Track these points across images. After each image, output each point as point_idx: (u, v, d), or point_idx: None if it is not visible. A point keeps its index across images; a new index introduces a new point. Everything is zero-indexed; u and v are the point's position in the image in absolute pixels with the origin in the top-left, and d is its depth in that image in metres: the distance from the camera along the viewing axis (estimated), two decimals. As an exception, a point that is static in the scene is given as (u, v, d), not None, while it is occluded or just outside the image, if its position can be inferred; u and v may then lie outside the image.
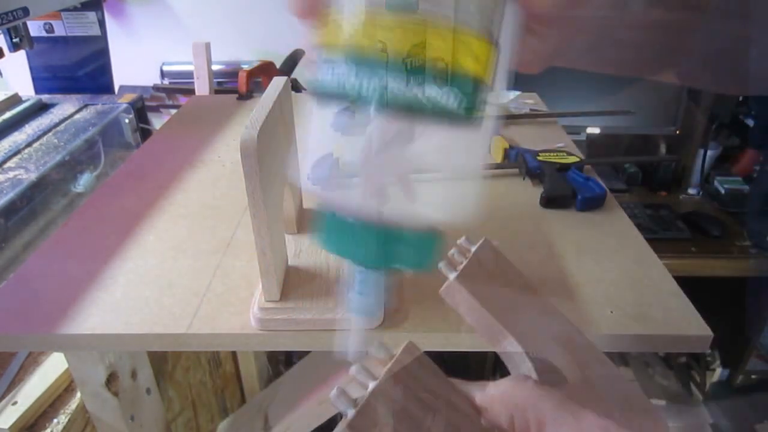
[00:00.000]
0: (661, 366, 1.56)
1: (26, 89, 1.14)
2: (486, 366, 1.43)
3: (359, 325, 0.29)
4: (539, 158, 0.70)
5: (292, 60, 1.30)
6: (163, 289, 0.50)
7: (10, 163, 0.82)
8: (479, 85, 0.24)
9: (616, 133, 1.56)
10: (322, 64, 0.25)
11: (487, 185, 0.69)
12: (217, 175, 0.72)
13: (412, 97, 0.23)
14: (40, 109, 1.03)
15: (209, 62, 1.02)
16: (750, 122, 1.43)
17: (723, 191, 1.42)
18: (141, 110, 1.09)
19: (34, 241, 0.76)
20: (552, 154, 0.71)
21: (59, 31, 1.14)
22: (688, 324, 0.45)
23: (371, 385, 0.22)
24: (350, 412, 0.21)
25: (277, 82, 0.50)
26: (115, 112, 1.02)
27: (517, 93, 0.90)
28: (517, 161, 0.71)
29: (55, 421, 0.61)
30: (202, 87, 1.04)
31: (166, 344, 0.46)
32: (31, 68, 1.17)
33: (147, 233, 0.58)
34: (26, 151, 0.86)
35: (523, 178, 0.70)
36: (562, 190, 0.64)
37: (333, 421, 0.72)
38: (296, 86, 1.34)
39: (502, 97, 0.90)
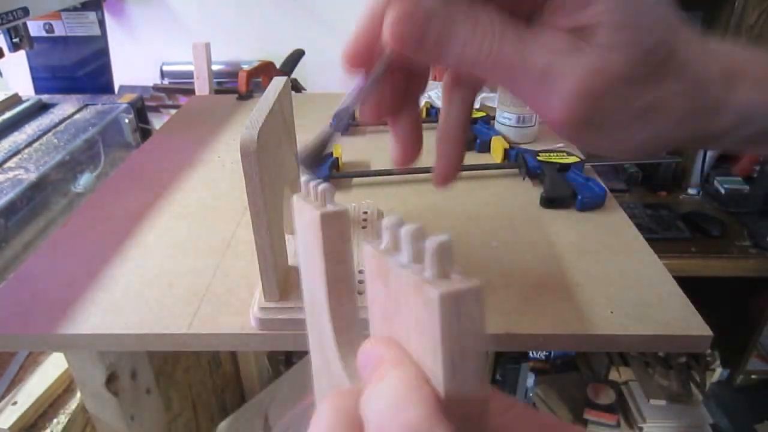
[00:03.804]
0: (661, 366, 1.56)
1: (26, 89, 1.14)
2: (486, 364, 1.43)
3: None
4: (539, 158, 0.70)
5: (292, 60, 1.30)
6: (163, 289, 0.50)
7: (10, 163, 0.82)
8: None
9: (616, 133, 1.56)
10: None
11: (488, 185, 0.69)
12: (217, 175, 0.72)
13: None
14: (40, 109, 1.03)
15: (209, 62, 1.02)
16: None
17: (723, 191, 1.42)
18: (141, 110, 1.09)
19: (34, 241, 0.76)
20: (552, 154, 0.71)
21: (59, 31, 1.14)
22: (688, 324, 0.45)
23: None
24: None
25: (277, 82, 0.50)
26: (115, 112, 1.02)
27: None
28: (517, 161, 0.71)
29: (55, 421, 0.61)
30: (202, 87, 1.04)
31: (166, 344, 0.46)
32: (31, 68, 1.16)
33: (147, 233, 0.59)
34: (26, 151, 0.86)
35: (523, 178, 0.70)
36: (562, 190, 0.64)
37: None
38: (296, 86, 1.34)
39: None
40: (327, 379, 0.25)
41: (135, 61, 1.46)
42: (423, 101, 0.89)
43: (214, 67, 1.12)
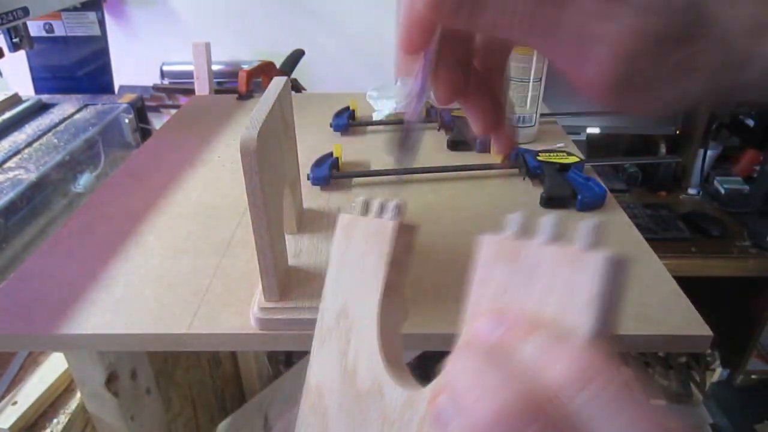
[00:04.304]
0: (661, 366, 1.56)
1: (26, 89, 1.14)
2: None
3: None
4: (539, 158, 0.70)
5: (292, 60, 1.30)
6: (163, 289, 0.50)
7: (10, 163, 0.82)
8: None
9: (616, 133, 1.56)
10: None
11: (488, 185, 0.69)
12: (217, 175, 0.72)
13: None
14: (40, 109, 1.03)
15: (209, 62, 1.02)
16: (750, 122, 1.43)
17: (723, 191, 1.42)
18: (141, 110, 1.09)
19: (34, 241, 0.76)
20: (552, 154, 0.71)
21: (59, 31, 1.14)
22: (688, 324, 0.45)
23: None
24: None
25: (277, 82, 0.50)
26: (115, 112, 1.02)
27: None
28: (517, 161, 0.71)
29: (55, 421, 0.61)
30: (202, 87, 1.04)
31: (166, 344, 0.46)
32: (31, 68, 1.16)
33: (147, 233, 0.59)
34: (26, 151, 0.86)
35: (523, 178, 0.70)
36: (562, 190, 0.64)
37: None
38: (296, 86, 1.34)
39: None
40: (347, 389, 0.26)
41: (135, 61, 1.46)
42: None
43: (214, 67, 1.12)
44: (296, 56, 1.31)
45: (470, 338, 0.21)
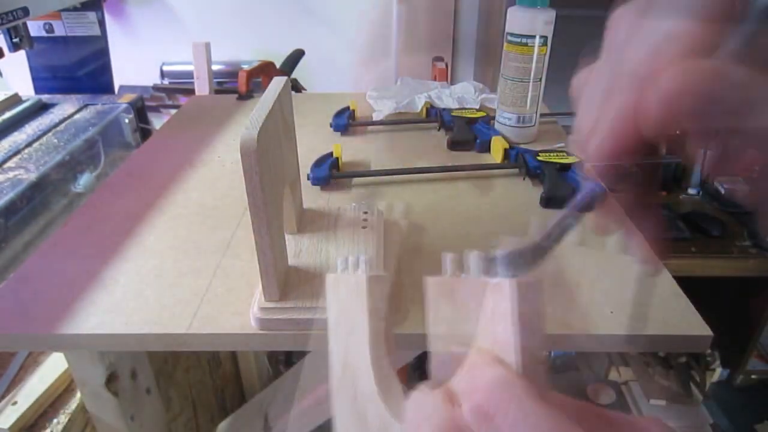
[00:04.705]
0: (661, 366, 1.56)
1: (26, 89, 1.14)
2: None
3: None
4: (539, 158, 0.70)
5: (292, 60, 1.30)
6: (163, 289, 0.50)
7: (10, 163, 0.82)
8: None
9: (616, 133, 1.56)
10: None
11: (488, 185, 0.69)
12: (217, 175, 0.72)
13: None
14: (40, 109, 1.03)
15: (209, 62, 1.03)
16: (750, 122, 1.43)
17: (723, 191, 1.42)
18: (141, 110, 1.09)
19: (34, 241, 0.76)
20: (552, 154, 0.71)
21: (59, 31, 1.14)
22: (688, 324, 0.45)
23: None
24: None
25: (277, 82, 0.50)
26: (115, 112, 1.02)
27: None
28: (517, 161, 0.71)
29: (55, 421, 0.61)
30: (202, 87, 1.04)
31: (166, 344, 0.46)
32: (31, 68, 1.17)
33: (147, 233, 0.59)
34: (26, 151, 0.86)
35: (523, 178, 0.70)
36: (562, 190, 0.64)
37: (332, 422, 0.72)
38: (296, 86, 1.34)
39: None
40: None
41: (135, 61, 1.46)
42: (421, 103, 0.89)
43: (214, 67, 1.12)
44: (296, 56, 1.31)
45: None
